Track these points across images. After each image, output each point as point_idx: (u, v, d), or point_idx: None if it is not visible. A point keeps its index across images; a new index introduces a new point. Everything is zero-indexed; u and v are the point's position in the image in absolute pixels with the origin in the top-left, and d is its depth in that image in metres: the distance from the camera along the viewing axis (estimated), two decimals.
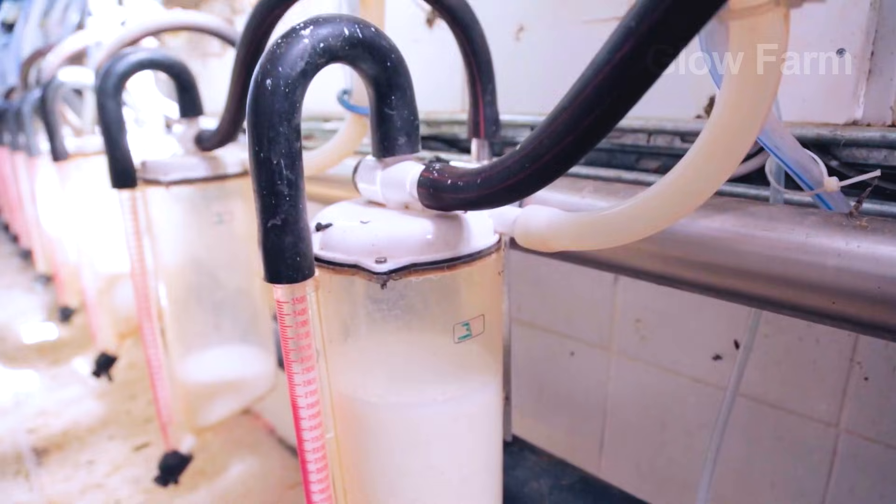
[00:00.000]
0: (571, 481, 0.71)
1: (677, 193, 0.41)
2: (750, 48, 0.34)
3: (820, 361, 0.67)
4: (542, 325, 0.94)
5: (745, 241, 0.50)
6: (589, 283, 0.86)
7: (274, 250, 0.48)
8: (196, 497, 1.64)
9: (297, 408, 0.54)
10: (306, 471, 0.56)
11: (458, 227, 0.52)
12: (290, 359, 0.52)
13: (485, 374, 0.56)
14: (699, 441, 0.80)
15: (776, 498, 0.74)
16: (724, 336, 0.74)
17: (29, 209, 2.31)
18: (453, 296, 0.52)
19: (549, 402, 0.97)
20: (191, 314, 1.10)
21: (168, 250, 1.07)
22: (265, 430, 1.95)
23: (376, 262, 0.49)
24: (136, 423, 2.01)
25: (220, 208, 1.02)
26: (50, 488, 1.73)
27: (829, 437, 0.69)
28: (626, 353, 0.84)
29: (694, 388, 0.78)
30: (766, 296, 0.50)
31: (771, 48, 0.34)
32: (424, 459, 0.56)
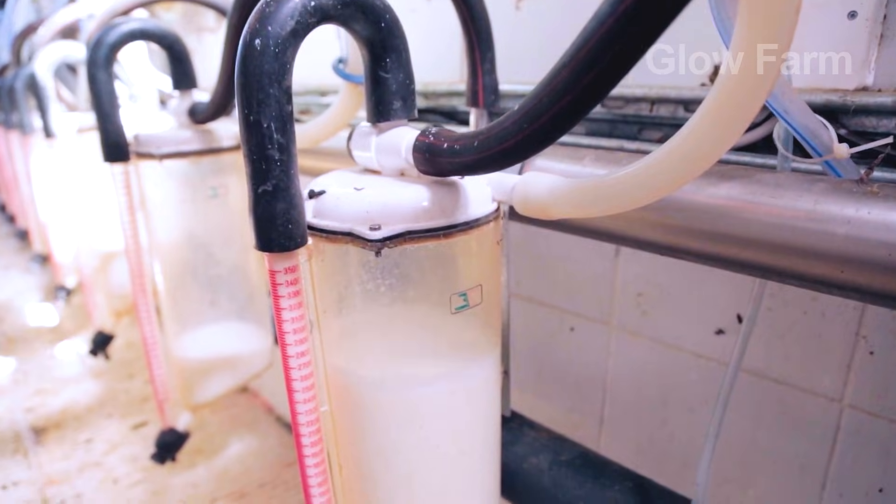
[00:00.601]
0: (571, 457, 0.70)
1: (683, 157, 0.39)
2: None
3: (825, 335, 0.66)
4: (542, 299, 0.93)
5: (751, 208, 0.49)
6: (589, 257, 0.85)
7: (265, 217, 0.47)
8: (194, 475, 1.64)
9: (290, 380, 0.53)
10: (300, 444, 0.55)
11: (455, 193, 0.50)
12: (283, 330, 0.51)
13: (483, 347, 0.55)
14: (700, 417, 0.79)
15: (777, 473, 0.73)
16: (727, 310, 0.73)
17: (24, 188, 2.29)
18: (450, 265, 0.51)
19: (549, 379, 0.96)
20: (186, 291, 1.09)
21: (162, 226, 1.05)
22: (263, 409, 1.95)
23: (370, 230, 0.47)
24: (134, 402, 2.01)
25: (215, 182, 1.01)
26: (48, 466, 1.73)
27: (832, 413, 0.68)
28: (626, 328, 0.83)
29: (696, 363, 0.77)
30: (772, 265, 0.49)
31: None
32: (420, 434, 0.55)
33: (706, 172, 0.52)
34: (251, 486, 1.59)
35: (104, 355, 1.76)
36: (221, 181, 1.02)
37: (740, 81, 0.34)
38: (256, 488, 1.58)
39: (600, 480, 0.67)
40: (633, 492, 0.65)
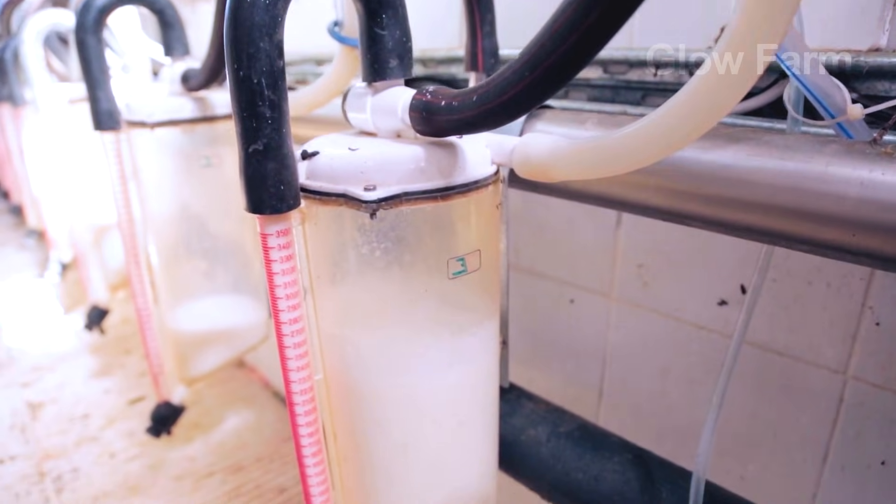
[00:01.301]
0: (570, 428, 0.68)
1: (691, 112, 0.37)
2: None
3: (830, 306, 0.65)
4: (542, 271, 0.91)
5: (759, 171, 0.47)
6: (590, 228, 0.83)
7: (256, 178, 0.45)
8: (191, 449, 1.64)
9: (283, 348, 0.51)
10: (294, 413, 0.54)
11: (453, 154, 0.48)
12: (275, 296, 0.49)
13: (481, 314, 0.53)
14: (701, 390, 0.77)
15: (778, 446, 0.72)
16: (730, 281, 0.71)
17: (17, 163, 2.27)
18: (447, 229, 0.49)
19: (547, 351, 0.94)
20: (180, 263, 1.07)
21: (155, 196, 1.03)
22: (260, 384, 1.95)
23: (365, 191, 0.46)
24: (131, 377, 2.00)
25: (209, 151, 0.99)
26: (45, 441, 1.73)
27: (836, 385, 0.67)
28: (627, 300, 0.82)
29: (697, 334, 0.76)
30: (780, 230, 0.47)
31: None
32: (417, 403, 0.54)
33: (712, 135, 0.51)
34: (248, 460, 1.59)
35: (99, 330, 1.75)
36: (215, 150, 1.00)
37: (748, 30, 0.33)
38: (253, 462, 1.58)
39: (599, 452, 0.66)
40: (633, 463, 0.64)
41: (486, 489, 0.64)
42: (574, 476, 0.65)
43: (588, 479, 0.64)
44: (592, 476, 0.64)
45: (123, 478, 1.55)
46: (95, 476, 1.57)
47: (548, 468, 0.67)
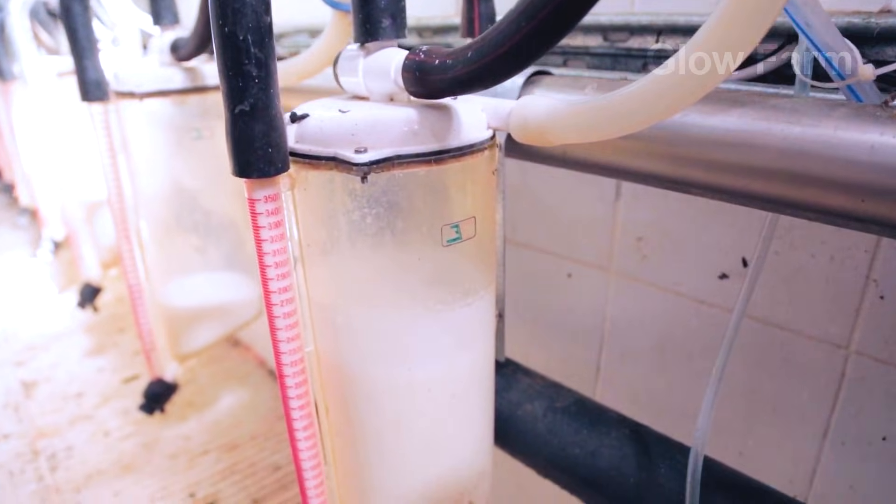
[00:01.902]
0: (566, 403, 0.67)
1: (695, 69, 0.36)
2: None
3: (833, 279, 0.63)
4: (539, 245, 0.90)
5: (764, 135, 0.45)
6: (589, 201, 0.81)
7: (242, 140, 0.43)
8: (186, 427, 1.63)
9: (272, 318, 0.50)
10: (284, 386, 0.52)
11: (448, 117, 0.47)
12: (264, 264, 0.48)
13: (476, 284, 0.52)
14: (700, 365, 0.76)
15: (777, 422, 0.71)
16: (732, 253, 0.70)
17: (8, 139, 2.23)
18: (442, 194, 0.47)
19: (544, 326, 0.93)
20: (171, 237, 1.05)
21: (145, 169, 1.01)
22: (255, 362, 1.94)
23: (356, 153, 0.44)
24: (126, 356, 1.99)
25: (199, 123, 0.97)
26: (39, 420, 1.72)
27: (837, 360, 0.65)
28: (626, 274, 0.80)
29: (697, 309, 0.74)
30: (786, 197, 0.46)
31: None
32: (409, 375, 0.52)
33: (716, 98, 0.49)
34: (243, 438, 1.58)
35: (92, 307, 1.73)
36: (206, 123, 0.98)
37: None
38: (248, 440, 1.57)
39: (597, 427, 0.65)
40: (630, 439, 0.63)
41: (481, 464, 0.63)
42: (570, 451, 0.64)
43: (585, 455, 0.63)
44: (589, 451, 0.63)
45: (117, 456, 1.55)
46: (89, 454, 1.56)
47: (544, 443, 0.66)
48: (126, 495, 1.42)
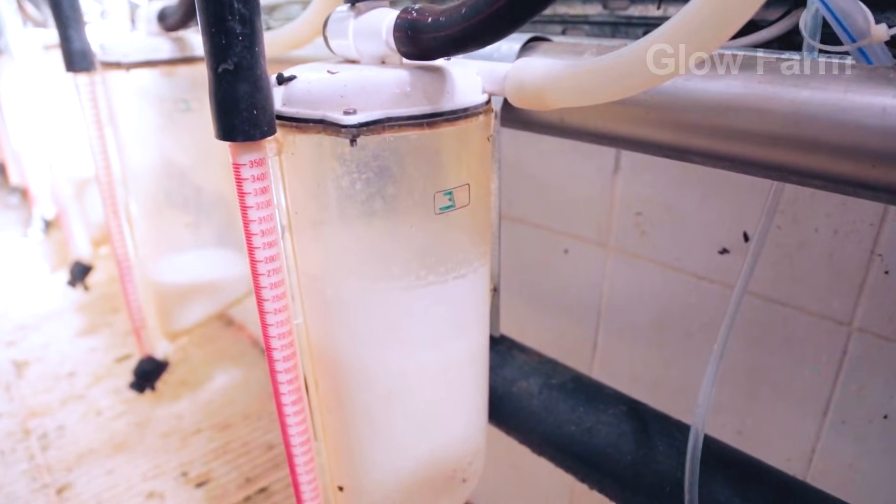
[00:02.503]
0: (563, 380, 0.66)
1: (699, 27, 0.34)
2: None
3: (837, 254, 0.62)
4: (535, 221, 0.88)
5: (770, 100, 0.43)
6: (586, 175, 0.79)
7: (226, 101, 0.41)
8: (178, 407, 1.62)
9: (259, 288, 0.48)
10: (272, 359, 0.51)
11: (441, 79, 0.45)
12: (249, 232, 0.46)
13: (469, 256, 0.50)
14: (699, 342, 0.75)
15: (777, 400, 0.70)
16: (733, 228, 0.68)
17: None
18: (434, 160, 0.45)
19: (540, 304, 0.92)
20: (161, 212, 1.03)
21: (133, 143, 0.99)
22: (249, 342, 1.92)
23: (344, 114, 0.42)
24: (118, 336, 1.97)
25: (188, 95, 0.94)
26: (31, 399, 1.71)
27: (839, 337, 0.64)
28: (624, 250, 0.79)
29: (696, 285, 0.73)
30: (792, 164, 0.44)
31: None
32: (401, 348, 0.51)
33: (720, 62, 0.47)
34: (236, 417, 1.57)
35: (83, 286, 1.71)
36: (195, 94, 0.95)
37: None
38: (241, 420, 1.56)
39: (594, 404, 0.63)
40: (628, 416, 0.61)
41: (474, 442, 0.62)
42: (566, 429, 0.63)
43: (581, 432, 0.62)
44: (586, 429, 0.62)
45: (109, 435, 1.54)
46: (81, 433, 1.55)
47: (539, 421, 0.64)
48: (118, 474, 1.40)
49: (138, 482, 1.38)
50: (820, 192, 0.61)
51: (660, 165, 0.72)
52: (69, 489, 1.38)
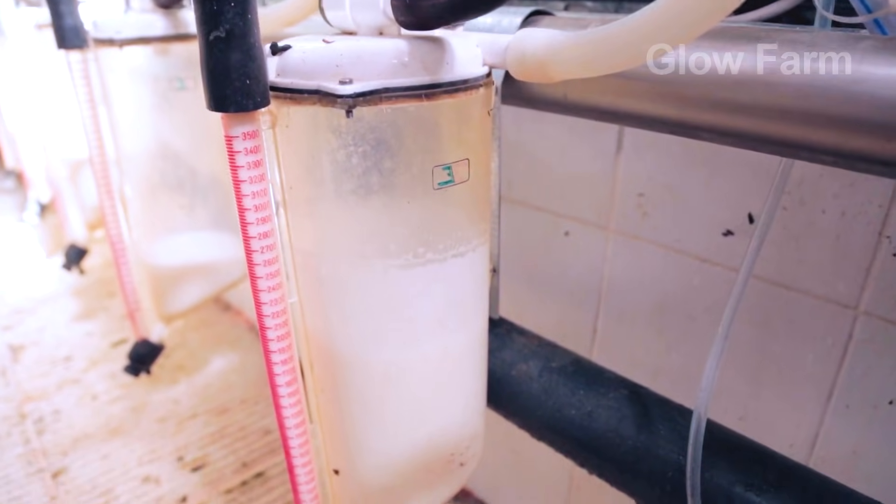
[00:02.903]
0: (563, 363, 0.65)
1: None
2: None
3: (844, 236, 0.61)
4: (535, 203, 0.87)
5: (781, 72, 0.42)
6: (588, 156, 0.78)
7: (218, 70, 0.40)
8: (175, 391, 1.61)
9: (252, 265, 0.47)
10: (266, 339, 0.49)
11: (440, 50, 0.43)
12: (242, 207, 0.45)
13: (469, 233, 0.49)
14: (701, 326, 0.74)
15: (781, 384, 0.69)
16: (737, 209, 0.67)
17: None
18: (433, 133, 0.44)
19: (539, 287, 0.90)
20: (156, 194, 1.02)
21: (127, 123, 0.97)
22: (246, 326, 1.91)
23: (340, 84, 0.40)
24: (115, 320, 1.96)
25: (183, 73, 0.92)
26: (27, 384, 1.70)
27: (846, 320, 0.63)
28: (625, 232, 0.77)
29: (699, 268, 0.71)
30: (804, 139, 0.43)
31: None
32: (398, 328, 0.50)
33: (728, 34, 0.45)
34: (233, 402, 1.56)
35: (78, 269, 1.70)
36: (190, 73, 0.94)
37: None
38: (238, 404, 1.55)
39: (594, 388, 0.62)
40: (629, 400, 0.60)
41: (473, 425, 0.61)
42: (566, 413, 0.62)
43: (581, 416, 0.61)
44: (586, 412, 0.61)
45: (105, 420, 1.53)
46: (77, 418, 1.54)
47: (539, 404, 0.63)
48: (113, 459, 1.40)
49: (134, 466, 1.37)
50: (828, 173, 0.60)
51: (663, 145, 0.70)
52: (64, 473, 1.37)
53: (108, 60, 0.92)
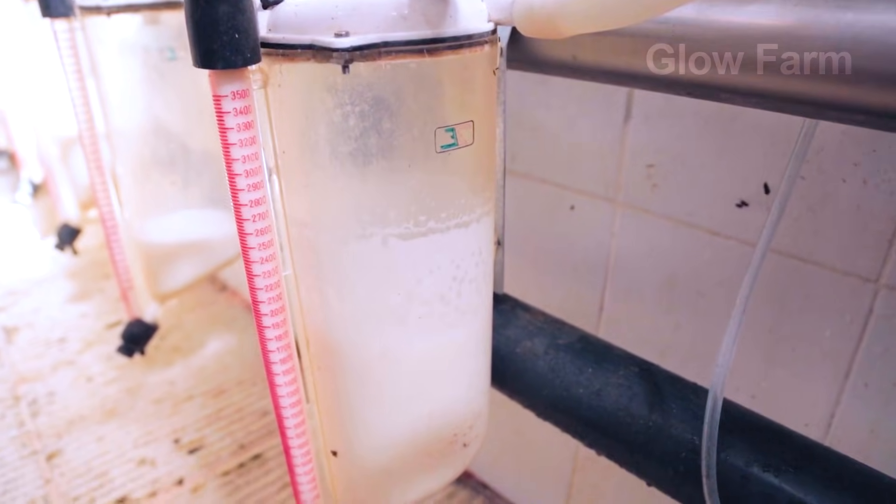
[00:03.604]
0: (570, 340, 0.62)
1: None
2: None
3: (865, 206, 0.58)
4: (539, 175, 0.84)
5: (810, 25, 0.39)
6: (595, 126, 0.75)
7: (205, 23, 0.37)
8: (171, 373, 1.59)
9: (244, 235, 0.44)
10: (259, 314, 0.47)
11: (443, 2, 0.40)
12: (233, 172, 0.42)
13: (472, 201, 0.46)
14: (712, 302, 0.71)
15: (795, 361, 0.66)
16: (752, 179, 0.64)
17: None
18: (436, 92, 0.41)
19: (543, 263, 0.88)
20: (147, 170, 0.99)
21: (117, 95, 0.94)
22: (243, 307, 1.89)
23: (336, 37, 0.37)
24: (110, 302, 1.93)
25: (174, 42, 0.89)
26: (21, 365, 1.67)
27: (865, 295, 0.60)
28: (633, 205, 0.74)
29: (711, 241, 0.69)
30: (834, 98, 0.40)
31: None
32: (397, 300, 0.47)
33: None
34: (229, 383, 1.54)
35: (72, 249, 1.67)
36: (182, 42, 0.90)
37: None
38: (234, 386, 1.53)
39: (603, 365, 0.60)
40: (640, 377, 0.58)
41: (477, 404, 0.58)
42: (574, 391, 0.59)
43: (589, 395, 0.58)
44: (594, 391, 0.58)
45: (100, 401, 1.50)
46: (72, 399, 1.52)
47: (545, 383, 0.61)
48: (109, 441, 1.38)
49: (130, 449, 1.35)
50: (849, 140, 0.57)
51: (675, 113, 0.67)
52: (59, 455, 1.35)
53: (95, 30, 0.89)
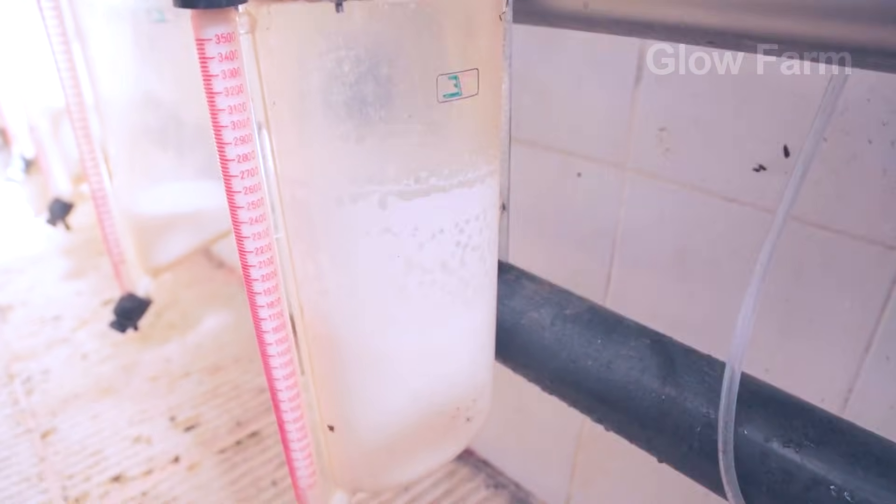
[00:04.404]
0: (577, 311, 0.59)
1: None
2: None
3: (892, 169, 0.55)
4: (545, 142, 0.80)
5: None
6: (603, 88, 0.71)
7: None
8: (167, 350, 1.56)
9: (231, 194, 0.41)
10: (249, 279, 0.44)
11: None
12: (218, 124, 0.39)
13: (477, 158, 0.43)
14: (726, 272, 0.68)
15: (812, 333, 0.63)
16: (771, 142, 0.60)
17: None
18: (437, 36, 0.38)
19: (549, 233, 0.84)
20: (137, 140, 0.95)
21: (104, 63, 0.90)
22: (239, 284, 1.86)
23: None
24: (104, 279, 1.90)
25: (162, 3, 0.85)
26: (15, 343, 1.65)
27: (888, 263, 0.57)
28: (644, 171, 0.71)
29: (725, 208, 0.65)
30: (870, 42, 0.36)
31: None
32: (397, 268, 0.44)
33: None
34: (226, 360, 1.52)
35: (64, 225, 1.63)
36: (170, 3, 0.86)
37: None
38: (231, 363, 1.51)
39: (612, 337, 0.57)
40: (651, 349, 0.55)
41: (481, 377, 0.56)
42: (582, 364, 0.56)
43: (599, 367, 0.56)
44: (604, 363, 0.55)
45: (95, 379, 1.48)
46: (66, 377, 1.50)
47: (551, 355, 0.58)
48: (104, 419, 1.35)
49: (125, 427, 1.33)
50: (876, 97, 0.54)
51: (687, 74, 0.64)
52: (54, 433, 1.33)
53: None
